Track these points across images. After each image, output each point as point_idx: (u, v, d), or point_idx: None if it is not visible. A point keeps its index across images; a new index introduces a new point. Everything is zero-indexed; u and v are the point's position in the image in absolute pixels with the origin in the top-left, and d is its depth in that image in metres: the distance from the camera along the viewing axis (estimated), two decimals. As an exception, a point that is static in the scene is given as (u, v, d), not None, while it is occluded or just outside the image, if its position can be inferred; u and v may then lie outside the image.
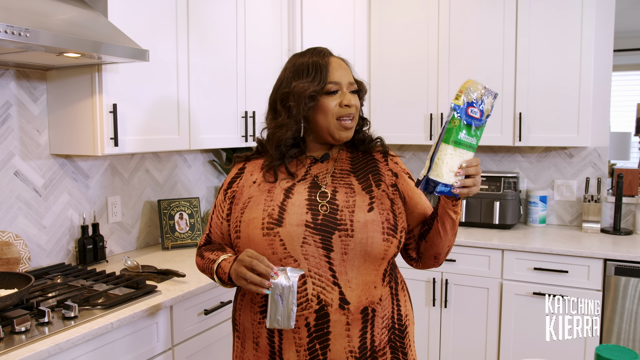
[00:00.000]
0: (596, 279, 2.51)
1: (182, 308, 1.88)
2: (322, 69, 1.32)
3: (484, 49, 2.94)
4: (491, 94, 1.19)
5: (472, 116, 1.15)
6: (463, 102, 1.15)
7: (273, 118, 1.37)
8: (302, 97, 1.30)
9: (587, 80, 2.74)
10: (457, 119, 1.15)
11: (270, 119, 1.38)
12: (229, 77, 2.55)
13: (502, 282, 2.72)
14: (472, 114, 1.16)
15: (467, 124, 1.15)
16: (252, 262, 1.18)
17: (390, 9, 3.20)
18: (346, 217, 1.25)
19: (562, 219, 3.16)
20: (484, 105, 1.17)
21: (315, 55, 1.35)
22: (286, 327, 1.19)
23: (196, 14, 2.32)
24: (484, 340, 2.78)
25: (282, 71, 1.39)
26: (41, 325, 1.51)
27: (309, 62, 1.34)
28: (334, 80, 1.32)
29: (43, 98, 2.09)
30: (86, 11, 1.81)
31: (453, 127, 1.15)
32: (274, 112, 1.38)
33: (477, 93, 1.16)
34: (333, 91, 1.32)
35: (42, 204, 2.11)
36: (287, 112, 1.33)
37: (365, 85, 1.42)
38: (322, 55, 1.36)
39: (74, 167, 2.23)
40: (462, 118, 1.15)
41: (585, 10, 2.71)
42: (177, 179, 2.77)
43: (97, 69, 1.92)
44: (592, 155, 3.05)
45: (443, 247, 1.34)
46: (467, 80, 1.18)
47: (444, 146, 1.15)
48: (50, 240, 2.15)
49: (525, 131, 2.87)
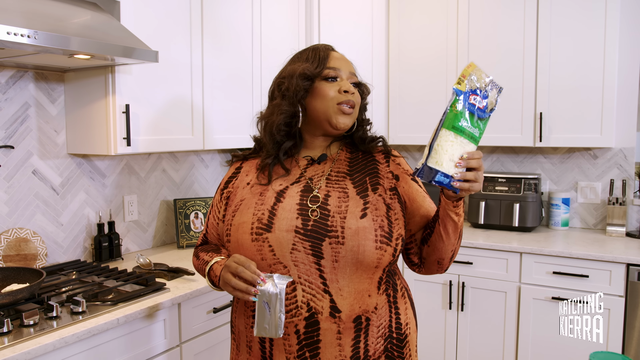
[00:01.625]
0: (618, 285, 2.43)
1: (191, 306, 1.91)
2: (321, 55, 1.31)
3: (503, 48, 2.88)
4: (496, 87, 1.12)
5: (474, 104, 1.09)
6: (466, 88, 1.08)
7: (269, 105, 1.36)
8: (295, 75, 1.28)
9: (611, 79, 2.65)
10: (459, 103, 1.08)
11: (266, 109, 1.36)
12: (243, 77, 2.57)
13: (520, 286, 2.65)
14: (474, 102, 1.09)
15: (469, 112, 1.09)
16: (237, 269, 1.15)
17: (408, 8, 3.17)
18: (337, 223, 1.20)
19: (586, 222, 3.07)
20: (489, 97, 1.11)
21: (317, 48, 1.35)
22: (273, 335, 1.15)
23: (210, 15, 2.35)
24: (502, 345, 2.72)
25: (284, 65, 1.39)
26: (49, 319, 1.55)
27: (308, 51, 1.33)
28: (333, 65, 1.30)
29: (61, 99, 2.16)
30: (99, 14, 1.86)
31: (455, 113, 1.08)
32: (271, 101, 1.36)
33: (481, 82, 1.10)
34: (332, 77, 1.29)
35: (59, 202, 2.17)
36: (282, 96, 1.31)
37: (369, 87, 1.38)
38: (325, 47, 1.35)
39: (91, 167, 2.29)
40: (465, 105, 1.08)
41: (610, 7, 2.63)
42: (194, 179, 2.81)
43: (110, 70, 1.97)
44: (618, 157, 2.95)
45: (446, 251, 1.27)
46: (470, 63, 1.11)
47: (444, 132, 1.08)
48: (67, 237, 2.21)
49: (546, 131, 2.80)
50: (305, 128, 1.34)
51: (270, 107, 1.33)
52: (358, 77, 1.35)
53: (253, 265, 1.16)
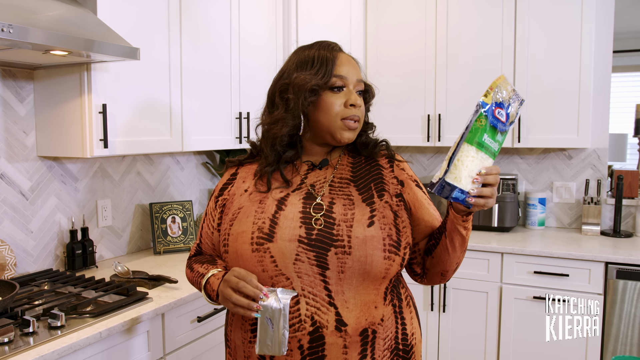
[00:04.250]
0: (597, 283, 2.47)
1: (175, 315, 1.82)
2: (328, 61, 1.21)
3: (482, 50, 2.90)
4: (518, 99, 1.08)
5: (498, 118, 1.05)
6: (492, 101, 1.04)
7: (270, 112, 1.26)
8: (303, 90, 1.19)
9: (587, 81, 2.70)
10: (484, 117, 1.03)
11: (267, 114, 1.27)
12: (222, 77, 2.48)
13: (501, 286, 2.67)
14: (498, 115, 1.05)
15: (492, 125, 1.04)
16: (238, 284, 1.09)
17: (387, 8, 3.15)
18: (343, 232, 1.14)
19: (561, 221, 3.12)
20: (511, 109, 1.07)
21: (323, 49, 1.24)
22: (277, 353, 1.09)
23: (189, 13, 2.25)
24: (483, 346, 2.72)
25: (285, 63, 1.28)
26: (25, 336, 1.43)
27: (314, 54, 1.22)
28: (340, 74, 1.21)
29: (30, 98, 2.02)
30: (75, 8, 1.75)
31: (479, 127, 1.03)
32: (271, 105, 1.27)
33: (506, 93, 1.06)
34: (338, 86, 1.21)
35: (29, 208, 2.04)
36: (285, 105, 1.22)
37: (374, 89, 1.31)
38: (331, 49, 1.25)
39: (63, 170, 2.16)
40: (489, 119, 1.03)
41: (585, 11, 2.67)
42: (170, 182, 2.70)
43: (86, 67, 1.85)
44: (592, 157, 3.01)
45: (451, 264, 1.23)
46: (500, 76, 1.06)
47: (467, 147, 1.04)
48: (38, 245, 2.07)
49: (524, 132, 2.83)
50: (306, 135, 1.26)
51: (273, 118, 1.23)
52: (364, 78, 1.28)
53: (254, 279, 1.10)
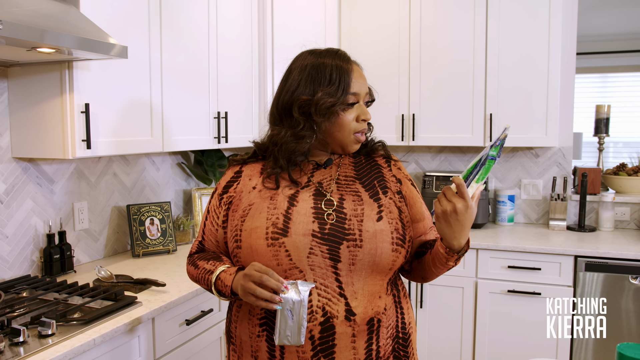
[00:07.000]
0: (567, 276, 2.59)
1: (164, 319, 1.78)
2: (344, 77, 1.25)
3: (455, 48, 2.96)
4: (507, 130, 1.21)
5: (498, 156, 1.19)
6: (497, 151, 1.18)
7: (290, 126, 1.25)
8: (328, 113, 1.24)
9: (554, 82, 2.81)
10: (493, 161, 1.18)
11: (288, 126, 1.26)
12: (200, 77, 2.45)
13: (476, 281, 2.75)
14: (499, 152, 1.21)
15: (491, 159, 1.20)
16: (262, 277, 1.12)
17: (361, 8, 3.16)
18: (355, 226, 1.21)
19: (529, 217, 3.24)
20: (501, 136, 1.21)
21: (338, 59, 1.28)
22: (296, 343, 1.14)
23: (169, 11, 2.21)
24: (459, 339, 2.80)
25: (298, 70, 1.28)
26: (15, 346, 1.38)
27: (332, 66, 1.26)
28: (354, 91, 1.26)
29: (4, 97, 1.93)
30: (58, 2, 1.68)
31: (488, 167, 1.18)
32: (287, 117, 1.27)
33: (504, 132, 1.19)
34: (351, 103, 1.27)
35: (3, 212, 1.94)
36: (308, 123, 1.24)
37: (375, 96, 1.38)
38: (345, 60, 1.29)
39: (38, 172, 2.07)
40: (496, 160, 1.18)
41: (553, 13, 2.78)
42: (145, 183, 2.63)
43: (67, 66, 1.79)
44: (557, 155, 3.15)
45: (432, 276, 1.32)
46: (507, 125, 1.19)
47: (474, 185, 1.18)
48: (13, 250, 1.98)
49: (495, 131, 2.92)
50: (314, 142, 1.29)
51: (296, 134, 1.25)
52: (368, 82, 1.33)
53: (275, 273, 1.14)
